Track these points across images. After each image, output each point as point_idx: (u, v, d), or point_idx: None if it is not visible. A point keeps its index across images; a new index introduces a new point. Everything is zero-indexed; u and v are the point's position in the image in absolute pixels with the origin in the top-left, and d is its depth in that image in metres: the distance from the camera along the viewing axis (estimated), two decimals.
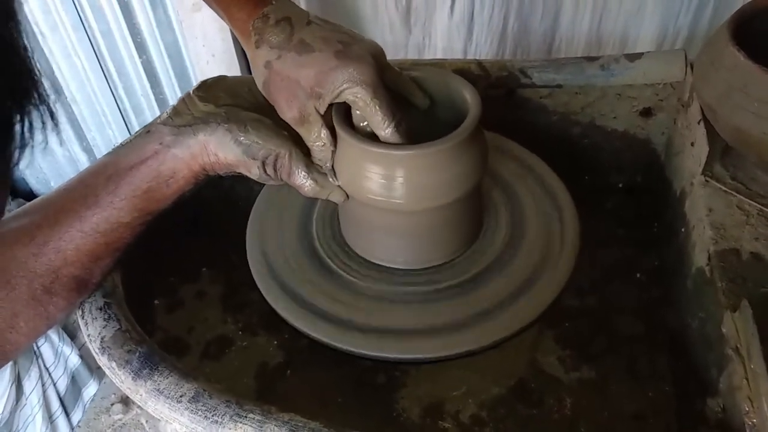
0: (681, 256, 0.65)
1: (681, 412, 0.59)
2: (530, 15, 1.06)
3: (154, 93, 1.43)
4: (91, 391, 0.87)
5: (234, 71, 1.16)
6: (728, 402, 0.50)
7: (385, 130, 0.54)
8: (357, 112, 0.56)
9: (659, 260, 0.73)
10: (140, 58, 1.37)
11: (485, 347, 0.57)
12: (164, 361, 0.50)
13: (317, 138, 0.56)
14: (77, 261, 0.52)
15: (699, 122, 0.66)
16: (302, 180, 0.57)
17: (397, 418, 0.61)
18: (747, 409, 0.46)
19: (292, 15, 0.55)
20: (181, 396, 0.47)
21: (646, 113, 0.77)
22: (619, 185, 0.83)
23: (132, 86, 1.43)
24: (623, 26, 1.05)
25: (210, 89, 0.57)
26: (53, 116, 0.29)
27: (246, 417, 0.46)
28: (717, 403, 0.52)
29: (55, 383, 0.83)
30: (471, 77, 0.61)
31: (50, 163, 1.61)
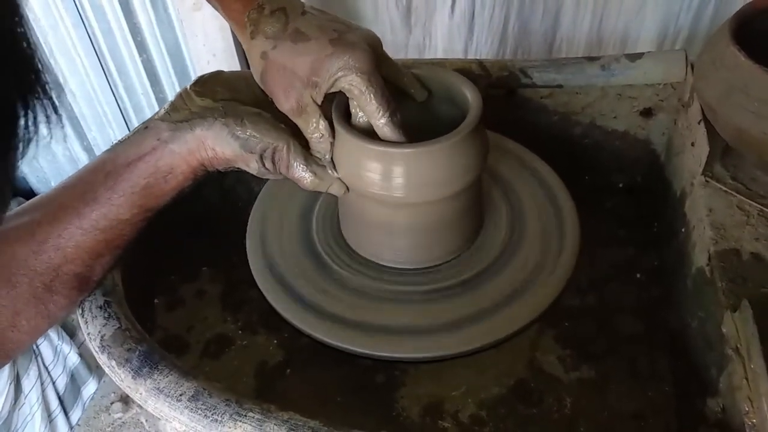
0: (681, 256, 0.65)
1: (681, 412, 0.59)
2: (531, 15, 1.06)
3: (155, 92, 1.43)
4: (90, 390, 0.87)
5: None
6: (728, 402, 0.50)
7: (380, 120, 0.53)
8: (355, 112, 0.56)
9: (659, 260, 0.73)
10: (141, 57, 1.37)
11: (485, 347, 0.57)
12: (164, 360, 0.50)
13: (315, 129, 0.56)
14: (77, 258, 0.51)
15: (699, 122, 0.66)
16: (301, 173, 0.56)
17: (397, 418, 0.61)
18: (747, 409, 0.46)
19: (287, 5, 0.55)
20: (181, 395, 0.47)
21: (647, 113, 0.77)
22: (620, 185, 0.83)
23: (132, 85, 1.43)
24: (624, 26, 1.05)
25: (206, 84, 0.57)
26: (57, 110, 0.29)
27: (245, 416, 0.46)
28: (717, 403, 0.52)
29: (54, 382, 0.83)
30: (472, 77, 0.60)
31: (50, 163, 1.61)
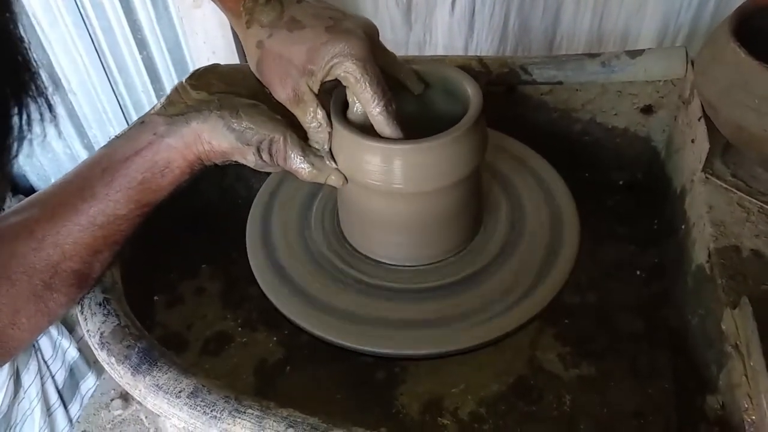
0: (681, 254, 0.65)
1: (680, 409, 0.59)
2: (531, 12, 1.06)
3: (155, 89, 1.44)
4: (89, 384, 0.87)
5: None
6: (728, 399, 0.50)
7: (375, 108, 0.53)
8: (352, 101, 0.56)
9: (659, 257, 0.72)
10: (141, 55, 1.37)
11: (484, 344, 0.57)
12: (163, 357, 0.50)
13: (313, 119, 0.55)
14: (76, 255, 0.51)
15: (699, 119, 0.66)
16: (299, 164, 0.55)
17: (396, 415, 0.61)
18: (746, 406, 0.46)
19: None
20: (180, 391, 0.47)
21: (647, 110, 0.77)
22: (620, 182, 0.83)
23: (132, 82, 1.43)
24: (624, 23, 1.05)
25: (202, 77, 0.57)
26: (51, 108, 0.29)
27: (245, 412, 0.46)
28: (716, 400, 0.52)
29: (54, 376, 0.82)
30: (472, 74, 0.60)
31: (51, 160, 1.62)
